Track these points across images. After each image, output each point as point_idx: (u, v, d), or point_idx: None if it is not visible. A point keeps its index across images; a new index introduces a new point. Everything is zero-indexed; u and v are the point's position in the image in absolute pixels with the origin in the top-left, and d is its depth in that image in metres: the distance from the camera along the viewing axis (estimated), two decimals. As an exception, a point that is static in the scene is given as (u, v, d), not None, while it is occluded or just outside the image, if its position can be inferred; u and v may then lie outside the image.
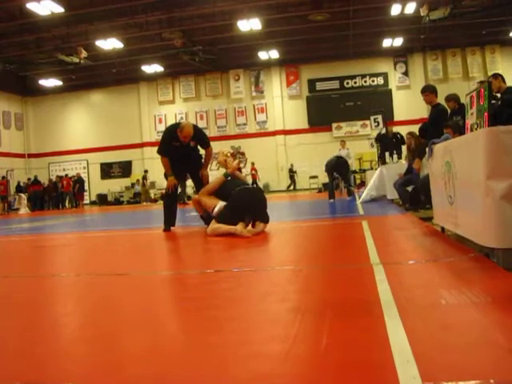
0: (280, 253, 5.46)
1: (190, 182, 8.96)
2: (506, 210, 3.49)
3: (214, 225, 6.77)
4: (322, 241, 6.36)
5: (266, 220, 6.81)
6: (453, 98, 8.40)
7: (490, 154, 3.58)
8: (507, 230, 3.49)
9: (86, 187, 32.36)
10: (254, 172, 29.11)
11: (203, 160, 8.63)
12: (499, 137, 3.56)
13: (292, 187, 30.70)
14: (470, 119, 4.42)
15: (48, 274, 5.00)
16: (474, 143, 3.83)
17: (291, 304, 2.96)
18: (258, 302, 3.08)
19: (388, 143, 15.36)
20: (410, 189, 10.00)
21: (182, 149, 8.09)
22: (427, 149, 5.95)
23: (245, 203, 6.70)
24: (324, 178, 29.22)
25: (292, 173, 30.77)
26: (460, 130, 6.40)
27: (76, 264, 5.81)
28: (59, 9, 20.89)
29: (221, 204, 6.93)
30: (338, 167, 15.67)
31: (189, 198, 26.04)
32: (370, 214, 9.65)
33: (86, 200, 32.42)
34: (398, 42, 28.16)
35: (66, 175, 31.02)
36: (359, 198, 13.81)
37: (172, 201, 8.51)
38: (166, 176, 8.33)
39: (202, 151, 8.57)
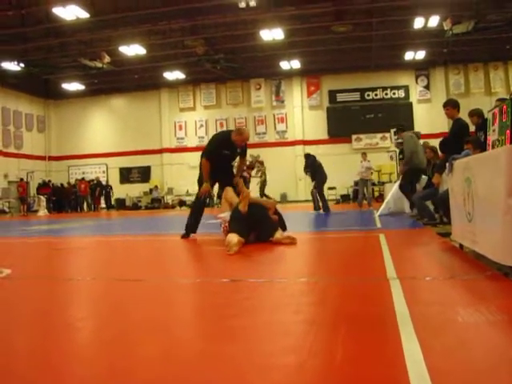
0: (296, 264, 5.45)
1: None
2: (525, 229, 3.46)
3: (228, 236, 6.72)
4: (338, 253, 6.34)
5: (270, 232, 6.86)
6: (476, 113, 8.29)
7: (511, 171, 3.55)
8: (526, 249, 3.46)
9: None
10: None
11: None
12: (520, 154, 3.54)
13: None
14: (492, 136, 4.40)
15: (65, 277, 5.04)
16: (496, 160, 3.80)
17: (306, 316, 2.96)
18: (272, 313, 3.08)
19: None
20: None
21: (226, 158, 8.16)
22: (447, 164, 5.91)
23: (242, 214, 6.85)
24: (342, 189, 29.22)
25: None
26: (481, 146, 6.35)
27: (92, 268, 5.85)
28: (84, 14, 21.12)
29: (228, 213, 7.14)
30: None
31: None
32: (388, 227, 9.59)
33: (103, 204, 32.54)
34: (420, 55, 28.05)
35: (83, 179, 31.26)
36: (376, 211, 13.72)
37: (200, 208, 8.52)
38: (199, 181, 8.28)
39: None
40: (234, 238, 6.23)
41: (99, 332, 2.87)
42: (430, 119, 29.52)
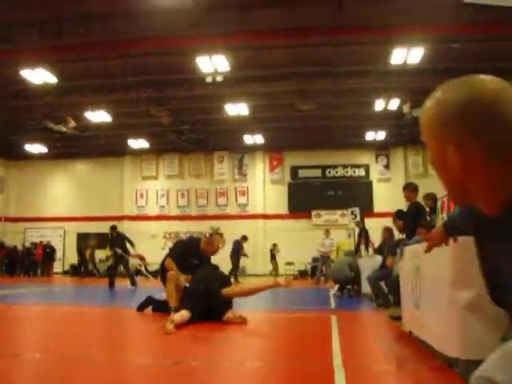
0: (242, 347, 5.33)
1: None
2: (469, 321, 3.46)
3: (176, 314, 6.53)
4: (287, 335, 6.24)
5: (222, 311, 6.72)
6: (431, 198, 8.62)
7: (457, 263, 3.59)
8: (470, 341, 3.45)
9: (60, 256, 31.87)
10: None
11: None
12: (466, 246, 3.58)
13: None
14: (441, 222, 4.47)
15: (10, 352, 4.81)
16: (442, 250, 3.82)
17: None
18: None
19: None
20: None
21: (194, 267, 7.45)
22: (398, 249, 5.98)
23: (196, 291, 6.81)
24: (300, 264, 29.18)
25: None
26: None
27: (39, 342, 5.65)
28: (52, 78, 21.19)
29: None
30: None
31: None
32: (341, 307, 9.57)
33: (59, 269, 31.75)
34: (381, 135, 28.76)
35: (41, 242, 30.56)
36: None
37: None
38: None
39: None
40: (173, 317, 6.13)
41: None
42: (389, 198, 29.90)
